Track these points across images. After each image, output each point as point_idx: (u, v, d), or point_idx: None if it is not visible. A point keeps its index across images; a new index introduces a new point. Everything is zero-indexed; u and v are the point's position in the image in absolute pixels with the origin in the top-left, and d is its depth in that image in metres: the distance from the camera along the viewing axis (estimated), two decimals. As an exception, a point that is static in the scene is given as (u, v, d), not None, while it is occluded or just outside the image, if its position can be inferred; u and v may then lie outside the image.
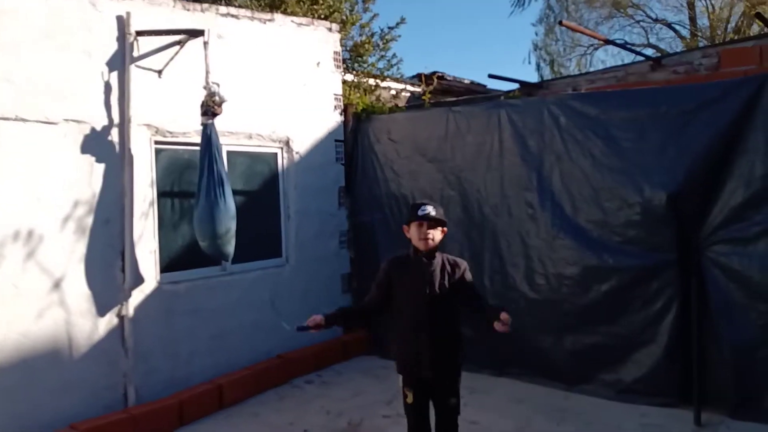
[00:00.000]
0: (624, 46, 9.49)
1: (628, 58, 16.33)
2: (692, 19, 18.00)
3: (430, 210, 3.15)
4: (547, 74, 18.31)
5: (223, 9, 5.38)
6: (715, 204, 4.47)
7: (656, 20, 18.49)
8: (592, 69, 15.75)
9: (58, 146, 4.22)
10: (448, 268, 3.24)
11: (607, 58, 20.26)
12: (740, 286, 4.35)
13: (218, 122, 4.68)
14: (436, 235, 3.19)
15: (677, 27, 18.44)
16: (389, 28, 8.96)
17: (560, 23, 8.08)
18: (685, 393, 4.51)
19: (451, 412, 3.25)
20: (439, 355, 3.17)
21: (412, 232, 3.20)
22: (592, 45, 18.61)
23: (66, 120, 4.26)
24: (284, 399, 5.12)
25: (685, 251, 4.53)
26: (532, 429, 4.42)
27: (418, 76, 9.55)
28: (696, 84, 5.16)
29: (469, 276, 3.30)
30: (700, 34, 17.47)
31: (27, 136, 4.06)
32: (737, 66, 6.05)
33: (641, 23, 18.82)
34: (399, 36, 9.02)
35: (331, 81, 6.39)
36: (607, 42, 8.83)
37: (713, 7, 17.26)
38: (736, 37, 15.18)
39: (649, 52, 16.06)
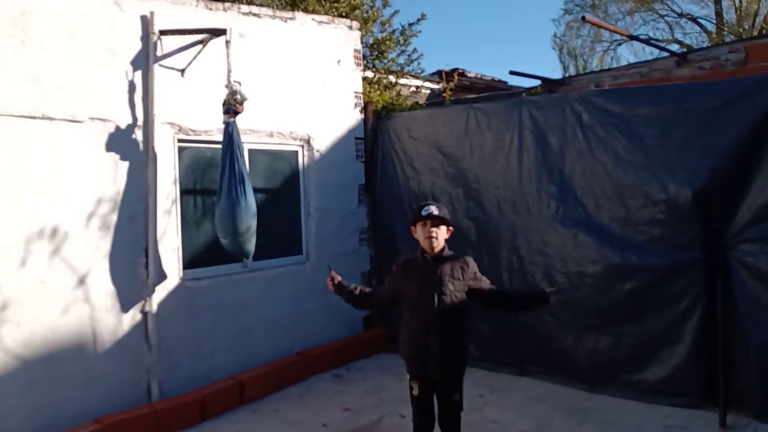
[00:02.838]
0: (648, 41, 9.33)
1: (652, 54, 16.09)
2: (718, 14, 17.67)
3: (434, 209, 3.28)
4: (572, 70, 18.15)
5: (245, 8, 5.41)
6: (742, 202, 4.37)
7: (681, 15, 18.20)
8: (615, 65, 15.54)
9: (83, 144, 4.28)
10: (457, 267, 3.33)
11: (630, 54, 19.98)
12: (767, 286, 4.25)
13: (240, 120, 4.72)
14: (441, 233, 3.30)
15: (703, 22, 18.12)
16: (409, 24, 8.95)
17: (583, 18, 7.97)
18: (710, 394, 4.44)
19: (454, 407, 3.37)
20: (446, 353, 3.28)
21: (418, 232, 3.33)
22: (615, 41, 18.38)
23: (91, 118, 4.32)
24: (304, 395, 5.15)
25: (711, 250, 4.45)
26: (552, 428, 4.38)
27: (439, 73, 9.52)
28: (722, 80, 5.06)
29: (478, 273, 3.39)
30: (726, 29, 17.13)
31: (53, 135, 4.13)
32: (765, 61, 5.92)
33: (666, 18, 18.55)
34: (419, 32, 9.01)
35: (352, 79, 6.39)
36: (631, 37, 8.70)
37: (740, 1, 16.92)
38: (764, 31, 14.86)
39: (674, 47, 15.81)
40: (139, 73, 4.60)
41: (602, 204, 4.95)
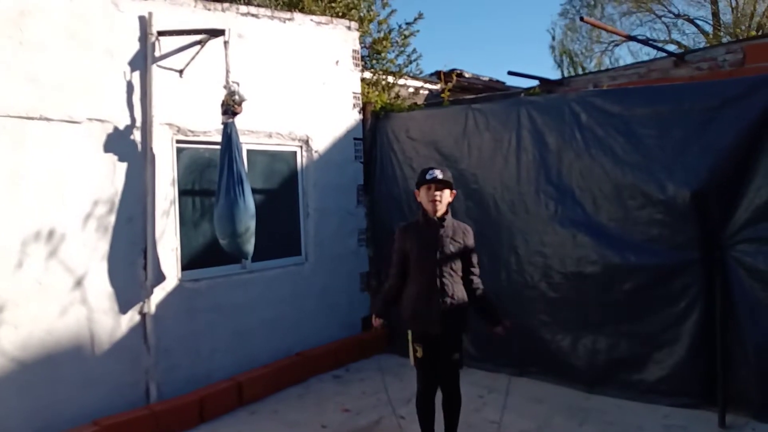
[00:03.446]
0: (646, 42, 9.33)
1: (650, 55, 16.12)
2: (715, 15, 17.72)
3: (438, 173, 3.42)
4: (569, 71, 18.17)
5: (243, 8, 5.40)
6: (740, 202, 4.39)
7: (678, 15, 18.26)
8: (613, 66, 15.55)
9: (81, 145, 4.27)
10: (459, 231, 3.49)
11: (627, 55, 20.00)
12: (765, 286, 4.26)
13: (238, 121, 4.71)
14: (444, 196, 3.44)
15: (700, 22, 18.18)
16: (407, 24, 8.94)
17: (581, 19, 7.98)
18: (709, 394, 4.44)
19: (454, 366, 3.51)
20: (448, 313, 3.39)
21: (422, 195, 3.46)
22: (612, 41, 18.42)
23: (89, 119, 4.31)
24: (303, 396, 5.14)
25: (709, 250, 4.45)
26: (552, 429, 4.38)
27: (437, 73, 9.51)
28: (720, 80, 5.07)
29: (472, 244, 3.53)
30: (723, 30, 17.18)
31: (51, 135, 4.12)
32: (763, 62, 5.95)
33: (663, 18, 18.60)
34: (417, 31, 8.98)
35: (350, 79, 6.39)
36: (629, 38, 8.71)
37: (737, 2, 16.98)
38: (761, 32, 14.90)
39: (671, 48, 15.84)
40: (137, 74, 4.59)
41: (601, 204, 4.96)
